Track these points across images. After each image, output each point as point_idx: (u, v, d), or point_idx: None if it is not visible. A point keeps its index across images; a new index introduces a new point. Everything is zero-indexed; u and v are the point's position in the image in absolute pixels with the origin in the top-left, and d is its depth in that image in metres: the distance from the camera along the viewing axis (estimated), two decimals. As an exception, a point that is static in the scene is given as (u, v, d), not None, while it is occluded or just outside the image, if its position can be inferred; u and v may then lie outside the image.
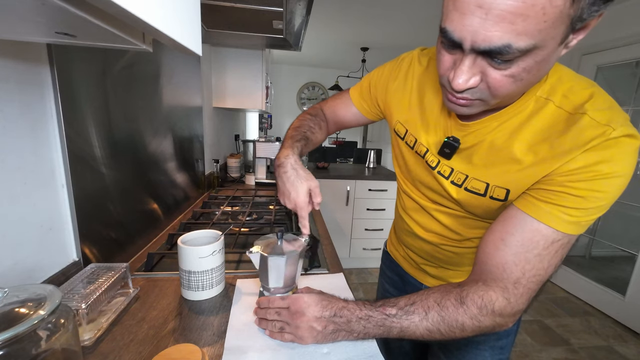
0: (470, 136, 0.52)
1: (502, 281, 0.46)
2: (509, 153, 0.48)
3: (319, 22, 2.77)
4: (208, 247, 0.64)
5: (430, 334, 0.47)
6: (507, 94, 0.41)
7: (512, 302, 0.46)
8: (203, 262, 0.64)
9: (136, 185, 0.89)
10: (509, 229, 0.46)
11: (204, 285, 0.65)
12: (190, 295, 0.65)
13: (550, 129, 0.45)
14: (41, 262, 0.59)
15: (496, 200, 0.51)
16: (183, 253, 0.63)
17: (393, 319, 0.48)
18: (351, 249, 2.64)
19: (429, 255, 0.68)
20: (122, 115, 0.81)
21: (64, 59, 0.60)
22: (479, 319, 0.46)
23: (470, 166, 0.53)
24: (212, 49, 1.69)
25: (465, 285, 0.49)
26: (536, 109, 0.46)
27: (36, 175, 0.57)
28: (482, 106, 0.45)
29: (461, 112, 0.47)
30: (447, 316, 0.46)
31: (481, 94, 0.42)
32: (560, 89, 0.45)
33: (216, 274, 0.66)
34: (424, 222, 0.66)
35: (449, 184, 0.56)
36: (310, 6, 1.08)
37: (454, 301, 0.47)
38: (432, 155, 0.58)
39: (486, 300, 0.46)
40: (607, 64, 2.28)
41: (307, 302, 0.52)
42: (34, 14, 0.31)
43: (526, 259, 0.45)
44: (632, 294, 2.04)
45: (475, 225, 0.58)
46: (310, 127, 0.74)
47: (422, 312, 0.47)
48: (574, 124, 0.42)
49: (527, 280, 0.45)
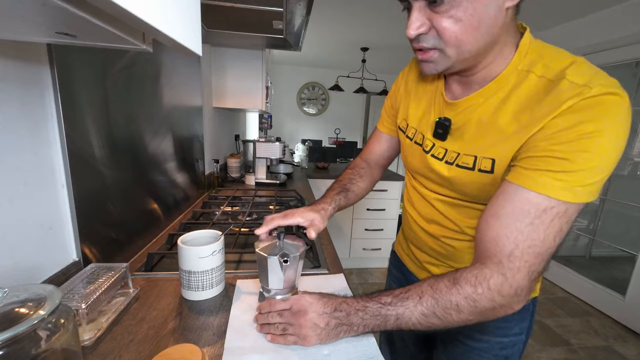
0: (460, 115, 0.55)
1: (495, 256, 0.44)
2: (495, 125, 0.49)
3: (319, 22, 2.77)
4: (208, 247, 0.64)
5: (427, 320, 0.46)
6: (455, 38, 0.45)
7: (509, 277, 0.43)
8: (203, 262, 0.64)
9: (136, 185, 0.89)
10: (500, 202, 0.46)
11: (204, 285, 0.65)
12: (190, 295, 0.65)
13: (532, 97, 0.46)
14: (41, 262, 0.59)
15: (484, 172, 0.51)
16: (183, 253, 0.63)
17: (388, 307, 0.47)
18: (351, 249, 2.64)
19: (430, 250, 0.68)
20: (122, 115, 0.81)
21: (64, 59, 0.60)
22: (473, 298, 0.44)
23: (462, 144, 0.55)
24: (212, 49, 1.69)
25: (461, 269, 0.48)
26: (518, 82, 0.48)
27: (36, 175, 0.57)
28: (445, 61, 0.48)
29: (428, 70, 0.51)
30: (441, 298, 0.45)
31: (434, 41, 0.46)
32: (542, 61, 0.46)
33: (216, 274, 0.66)
34: (425, 213, 0.67)
35: (442, 165, 0.58)
36: (310, 6, 1.08)
37: (447, 282, 0.46)
38: (428, 140, 0.61)
39: (480, 277, 0.44)
40: (607, 64, 2.28)
41: (309, 301, 0.52)
42: (34, 14, 0.31)
43: (518, 229, 0.43)
44: (632, 294, 2.04)
45: (472, 215, 0.59)
46: (349, 178, 0.81)
47: (416, 297, 0.47)
48: (553, 89, 0.43)
49: (522, 252, 0.43)
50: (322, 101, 5.25)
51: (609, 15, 2.21)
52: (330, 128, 5.29)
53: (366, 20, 2.70)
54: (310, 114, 5.29)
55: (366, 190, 0.84)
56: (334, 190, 0.77)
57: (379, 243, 2.63)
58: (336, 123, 5.28)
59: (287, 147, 2.23)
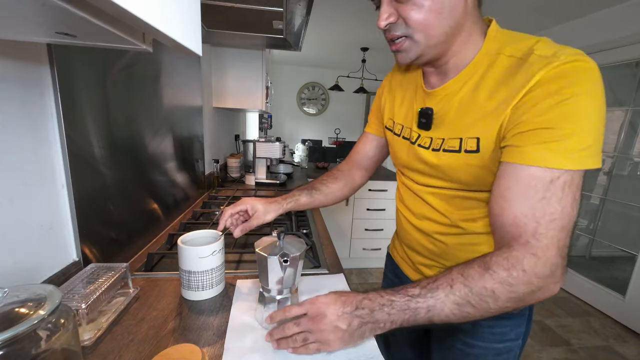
0: (441, 103, 0.57)
1: (520, 237, 0.43)
2: (474, 105, 0.52)
3: (319, 22, 2.77)
4: (208, 247, 0.64)
5: (461, 310, 0.43)
6: (420, 24, 0.49)
7: (541, 256, 0.42)
8: (203, 262, 0.64)
9: (136, 185, 0.89)
10: (505, 184, 0.46)
11: (204, 285, 0.65)
12: (190, 295, 0.65)
13: (505, 74, 0.48)
14: (41, 262, 0.59)
15: (470, 152, 0.52)
16: (183, 253, 0.63)
17: (418, 299, 0.44)
18: (351, 249, 2.64)
19: (423, 248, 0.68)
20: (122, 115, 0.81)
21: (64, 59, 0.60)
22: (509, 283, 0.41)
23: (445, 129, 0.56)
24: (212, 49, 1.69)
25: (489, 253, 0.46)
26: (490, 63, 0.51)
27: (36, 175, 0.57)
28: (415, 47, 0.52)
29: (402, 60, 0.55)
30: (474, 285, 0.42)
31: (403, 29, 0.51)
32: (510, 44, 0.50)
33: (216, 274, 0.66)
34: (416, 209, 0.67)
35: (429, 153, 0.59)
36: (310, 6, 1.08)
37: (478, 268, 0.43)
38: (414, 132, 0.63)
39: (512, 260, 0.42)
40: (607, 64, 2.28)
41: (325, 302, 0.48)
42: (34, 14, 0.31)
43: (532, 206, 0.42)
44: (632, 294, 2.04)
45: (464, 206, 0.58)
46: (322, 179, 0.84)
47: (447, 286, 0.43)
48: (523, 64, 0.46)
49: (546, 228, 0.42)
50: (322, 101, 5.25)
51: (609, 15, 2.21)
52: (330, 128, 5.29)
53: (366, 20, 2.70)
54: (310, 114, 5.29)
55: (340, 192, 0.84)
56: (299, 189, 0.81)
57: (379, 243, 2.63)
58: (336, 123, 5.28)
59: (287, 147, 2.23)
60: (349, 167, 0.87)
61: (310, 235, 1.03)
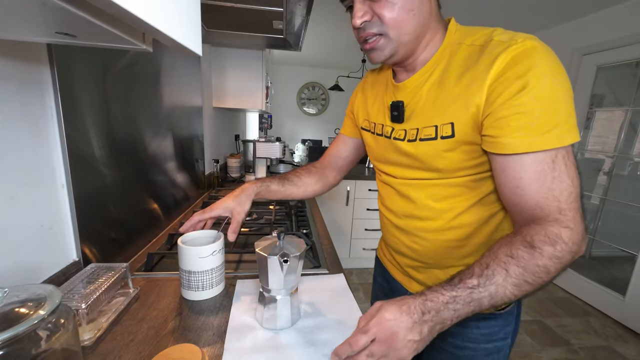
0: (410, 94, 0.60)
1: (549, 216, 0.46)
2: (443, 93, 0.54)
3: (319, 22, 2.77)
4: (208, 247, 0.64)
5: (520, 289, 0.45)
6: (395, 20, 0.52)
7: (574, 227, 0.46)
8: (203, 262, 0.64)
9: (136, 185, 0.89)
10: (514, 175, 0.48)
11: (204, 285, 0.65)
12: (190, 295, 0.65)
13: (468, 60, 0.52)
14: (41, 262, 0.59)
15: (446, 138, 0.54)
16: (183, 253, 0.63)
17: (479, 289, 0.44)
18: (351, 249, 2.64)
19: (407, 249, 0.67)
20: (122, 115, 0.81)
21: (64, 59, 0.60)
22: (557, 256, 0.45)
23: (418, 120, 0.58)
24: (212, 49, 1.69)
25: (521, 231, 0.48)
26: (453, 53, 0.55)
27: (36, 175, 0.57)
28: (389, 44, 0.54)
29: (377, 57, 0.57)
30: (528, 265, 0.44)
31: (378, 27, 0.53)
32: (469, 35, 0.54)
33: (216, 274, 0.66)
34: (397, 208, 0.68)
35: (406, 144, 0.61)
36: (310, 6, 1.08)
37: (524, 248, 0.45)
38: (388, 126, 0.65)
39: (553, 236, 0.45)
40: (607, 64, 2.28)
41: (392, 319, 0.43)
42: (34, 14, 0.31)
43: (549, 188, 0.46)
44: (632, 294, 2.04)
45: (444, 194, 0.59)
46: (295, 171, 0.86)
47: (502, 271, 0.44)
48: (484, 49, 0.50)
49: (567, 203, 0.46)
50: (322, 101, 5.25)
51: (609, 15, 2.21)
52: (330, 128, 5.29)
53: (366, 20, 2.70)
54: (310, 114, 5.29)
55: (312, 187, 0.85)
56: (271, 177, 0.81)
57: (379, 243, 2.63)
58: (336, 123, 5.28)
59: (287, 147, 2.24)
60: (322, 166, 0.88)
61: (310, 235, 1.03)
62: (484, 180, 0.56)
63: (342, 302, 0.67)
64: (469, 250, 0.61)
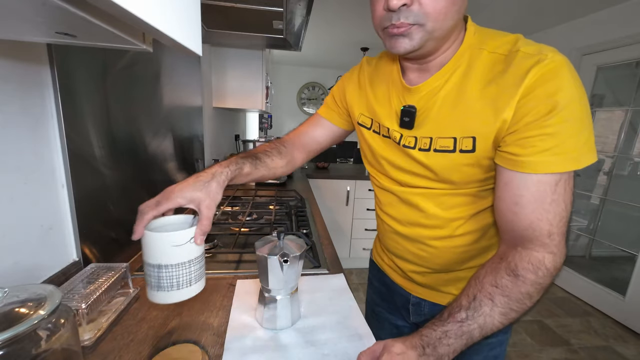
0: (423, 99, 0.55)
1: (537, 239, 0.47)
2: (462, 103, 0.51)
3: (319, 22, 2.77)
4: (184, 233, 0.48)
5: (507, 317, 0.47)
6: (438, 12, 0.45)
7: (557, 252, 0.47)
8: (178, 252, 0.47)
9: (136, 185, 0.89)
10: (515, 192, 0.48)
11: (180, 283, 0.48)
12: (160, 298, 0.47)
13: (492, 71, 0.49)
14: (41, 262, 0.59)
15: (466, 152, 0.51)
16: (150, 242, 0.47)
17: (469, 322, 0.46)
18: (351, 249, 2.64)
19: (413, 256, 0.66)
20: (122, 115, 0.81)
21: (64, 59, 0.60)
22: (539, 282, 0.47)
23: (431, 127, 0.55)
24: (212, 49, 1.69)
25: (507, 256, 0.49)
26: (473, 58, 0.51)
27: (36, 175, 0.57)
28: (422, 33, 0.47)
29: (401, 47, 0.49)
30: (512, 293, 0.46)
31: (415, 15, 0.46)
32: (489, 40, 0.51)
33: (195, 267, 0.49)
34: (401, 215, 0.65)
35: (417, 152, 0.57)
36: (310, 6, 1.08)
37: (508, 277, 0.47)
38: (396, 131, 0.60)
39: (535, 262, 0.47)
40: (607, 64, 2.28)
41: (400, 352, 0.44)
42: (34, 14, 0.31)
43: (545, 210, 0.46)
44: (632, 294, 2.04)
45: (454, 203, 0.58)
46: (265, 150, 0.72)
47: (489, 301, 0.46)
48: (512, 61, 0.47)
49: (557, 227, 0.47)
50: (322, 101, 5.25)
51: (609, 15, 2.21)
52: (330, 128, 5.29)
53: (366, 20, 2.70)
54: (310, 114, 5.29)
55: (282, 170, 0.74)
56: (240, 156, 0.64)
57: (379, 243, 2.63)
58: (336, 123, 5.28)
59: (287, 147, 2.23)
60: (293, 146, 0.78)
61: (310, 235, 1.03)
62: (491, 190, 0.55)
63: (342, 302, 0.67)
64: (475, 254, 0.61)
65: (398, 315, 0.77)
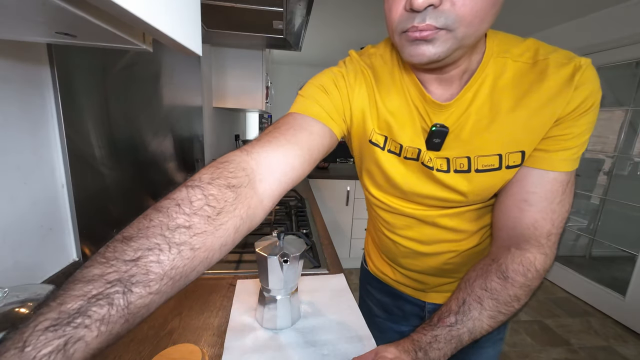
0: (453, 116, 0.48)
1: (535, 239, 0.47)
2: (502, 118, 0.46)
3: (319, 22, 2.77)
4: None
5: (495, 320, 0.46)
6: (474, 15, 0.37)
7: (549, 254, 0.47)
8: None
9: (136, 185, 0.89)
10: (529, 188, 0.47)
11: None
12: None
13: (523, 80, 0.45)
14: (41, 262, 0.59)
15: (513, 167, 0.48)
16: None
17: (458, 326, 0.45)
18: (351, 249, 2.64)
19: (437, 270, 0.63)
20: (122, 115, 0.81)
21: (64, 59, 0.60)
22: (527, 285, 0.46)
23: (467, 147, 0.49)
24: (212, 49, 1.69)
25: (498, 258, 0.49)
26: (499, 67, 0.46)
27: (36, 175, 0.57)
28: (450, 41, 0.39)
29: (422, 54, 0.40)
30: (500, 296, 0.46)
31: (445, 18, 0.37)
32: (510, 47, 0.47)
33: None
34: (423, 237, 0.60)
35: (453, 176, 0.50)
36: (311, 6, 1.08)
37: (498, 280, 0.47)
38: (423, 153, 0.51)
39: (526, 264, 0.46)
40: (607, 64, 2.28)
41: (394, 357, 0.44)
42: (34, 14, 0.31)
43: (552, 210, 0.46)
44: (632, 294, 2.04)
45: (481, 214, 0.57)
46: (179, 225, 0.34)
47: (477, 305, 0.46)
48: (546, 69, 0.44)
49: (557, 228, 0.47)
50: (322, 101, 5.25)
51: (609, 15, 2.21)
52: (330, 128, 5.28)
53: (366, 20, 2.70)
54: (310, 114, 5.28)
55: (220, 253, 0.36)
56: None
57: (379, 243, 2.63)
58: (336, 123, 5.28)
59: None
60: (258, 172, 0.47)
61: (310, 235, 1.03)
62: None
63: (342, 302, 0.67)
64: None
65: (404, 323, 0.75)
